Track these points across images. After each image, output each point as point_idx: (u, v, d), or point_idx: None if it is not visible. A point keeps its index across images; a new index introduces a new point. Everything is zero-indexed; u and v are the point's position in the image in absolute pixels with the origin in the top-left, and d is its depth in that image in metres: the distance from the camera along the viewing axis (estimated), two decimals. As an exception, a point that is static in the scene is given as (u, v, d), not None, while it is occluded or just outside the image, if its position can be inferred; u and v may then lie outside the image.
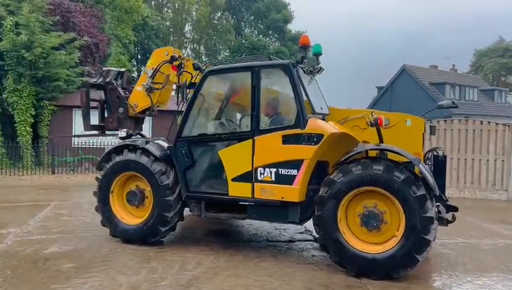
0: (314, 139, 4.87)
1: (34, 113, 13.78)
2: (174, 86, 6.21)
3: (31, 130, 13.87)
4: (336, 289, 4.38)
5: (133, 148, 5.78)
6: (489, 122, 9.94)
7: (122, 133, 6.17)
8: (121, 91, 6.58)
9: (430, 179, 4.59)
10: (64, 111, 14.43)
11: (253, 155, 5.15)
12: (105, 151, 6.04)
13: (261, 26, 44.15)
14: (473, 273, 4.98)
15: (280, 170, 5.03)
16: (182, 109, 5.64)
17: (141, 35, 33.50)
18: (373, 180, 4.62)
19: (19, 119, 13.51)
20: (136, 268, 4.83)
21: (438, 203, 5.40)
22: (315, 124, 4.90)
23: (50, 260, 5.05)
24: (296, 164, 4.96)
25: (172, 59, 6.09)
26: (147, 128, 15.20)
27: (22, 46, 12.69)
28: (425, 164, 5.52)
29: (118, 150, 5.89)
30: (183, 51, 41.06)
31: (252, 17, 44.81)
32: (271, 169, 5.08)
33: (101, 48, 16.44)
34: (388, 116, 5.46)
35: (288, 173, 5.00)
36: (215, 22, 43.50)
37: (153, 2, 39.35)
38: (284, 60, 5.30)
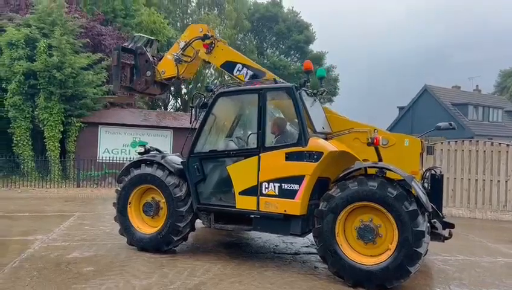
0: (315, 156, 5.25)
1: (62, 129, 14.55)
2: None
3: (59, 145, 14.63)
4: (333, 297, 4.70)
5: (150, 163, 6.26)
6: (500, 143, 10.08)
7: (141, 149, 6.67)
8: (150, 56, 7.20)
9: (422, 195, 4.87)
10: (90, 128, 15.19)
11: (258, 171, 5.54)
12: (125, 166, 6.55)
13: (283, 47, 44.96)
14: (467, 288, 5.19)
15: (283, 184, 5.41)
16: (195, 126, 6.12)
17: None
18: (368, 196, 4.94)
19: (48, 135, 14.30)
20: (148, 273, 5.25)
21: (435, 220, 5.71)
22: (315, 143, 5.28)
23: (72, 264, 5.52)
24: (298, 180, 5.33)
25: (205, 37, 6.65)
26: (167, 144, 15.85)
27: (54, 67, 13.54)
28: (424, 182, 5.84)
29: (136, 164, 6.38)
30: (207, 70, 42.17)
31: (274, 37, 45.67)
32: (275, 184, 5.46)
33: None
34: (388, 137, 5.80)
35: (291, 188, 5.37)
36: (239, 42, 44.43)
37: (178, 24, 40.51)
38: (288, 83, 5.72)
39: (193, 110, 6.07)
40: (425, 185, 5.85)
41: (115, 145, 15.46)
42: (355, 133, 5.97)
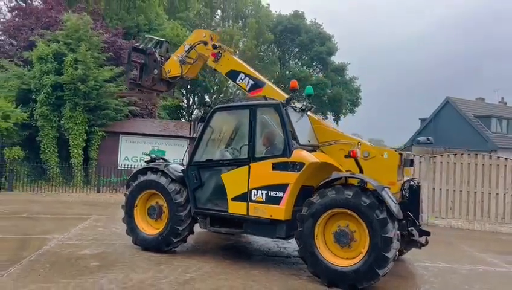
0: (297, 166, 5.78)
1: (85, 137, 15.51)
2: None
3: (83, 152, 15.58)
4: (307, 294, 5.19)
5: (155, 171, 6.91)
6: (498, 157, 10.32)
7: (147, 157, 7.34)
8: (158, 56, 7.98)
9: (393, 205, 5.30)
10: (112, 137, 16.10)
11: (248, 179, 6.11)
12: (133, 172, 7.23)
13: (305, 58, 45.50)
14: (435, 290, 5.61)
15: (270, 192, 5.95)
16: (196, 136, 6.76)
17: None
18: (344, 203, 5.42)
19: (72, 143, 15.27)
20: (146, 269, 5.87)
21: (412, 228, 6.11)
22: (298, 154, 5.82)
23: (80, 259, 6.20)
24: (283, 187, 5.87)
25: (213, 47, 7.38)
26: (183, 153, 16.55)
27: (78, 80, 14.53)
28: (402, 193, 6.26)
29: (142, 171, 7.05)
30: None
31: (297, 49, 46.28)
32: (262, 191, 6.01)
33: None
34: (369, 149, 6.27)
35: (276, 195, 5.91)
36: (262, 53, 45.24)
37: (203, 35, 41.50)
38: (275, 101, 6.28)
39: (191, 123, 6.70)
40: (405, 195, 6.24)
41: (135, 153, 16.29)
42: (340, 145, 6.47)
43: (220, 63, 7.57)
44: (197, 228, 6.96)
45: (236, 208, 6.21)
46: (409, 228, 6.08)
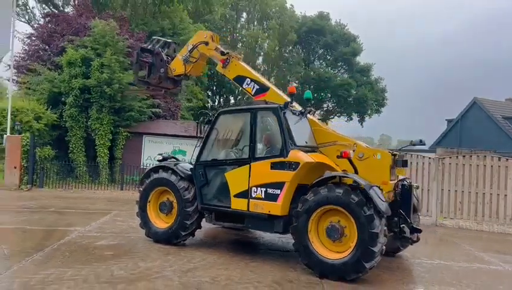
0: (293, 166, 6.21)
1: (111, 138, 16.32)
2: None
3: (108, 152, 16.40)
4: (298, 285, 5.60)
5: (166, 169, 7.47)
6: (507, 159, 10.39)
7: (159, 156, 7.92)
8: (164, 56, 8.64)
9: (379, 202, 5.64)
10: (136, 137, 16.86)
11: (249, 177, 6.59)
12: (146, 171, 7.82)
13: (330, 59, 45.56)
14: (421, 284, 5.91)
15: (268, 189, 6.41)
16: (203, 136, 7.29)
17: (214, 68, 36.05)
18: (335, 200, 5.82)
19: (98, 143, 16.11)
20: (155, 258, 6.42)
21: (403, 225, 6.44)
22: (294, 154, 6.24)
23: (97, 249, 6.82)
24: (280, 185, 6.31)
25: (222, 54, 7.96)
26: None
27: (104, 83, 15.34)
28: (395, 192, 6.58)
29: (155, 169, 7.63)
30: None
31: (322, 50, 46.38)
32: (262, 189, 6.47)
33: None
34: (363, 150, 6.62)
35: (274, 192, 6.35)
36: (286, 54, 45.57)
37: (228, 38, 42.19)
38: (274, 105, 6.71)
39: (198, 125, 7.22)
40: (397, 194, 6.56)
41: (157, 153, 16.94)
42: (338, 146, 6.84)
43: (228, 69, 8.07)
44: (207, 224, 7.47)
45: (238, 204, 6.69)
46: (401, 225, 6.42)
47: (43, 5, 23.49)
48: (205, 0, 27.07)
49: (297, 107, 7.21)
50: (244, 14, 43.08)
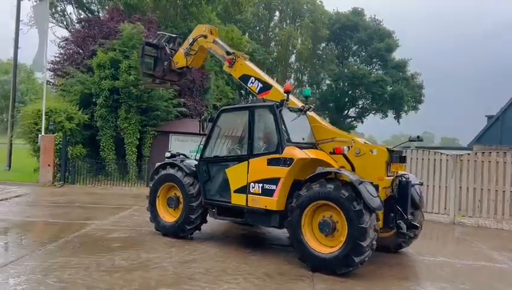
0: (288, 162, 6.37)
1: (139, 137, 16.92)
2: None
3: (136, 150, 17.02)
4: (288, 277, 5.76)
5: (173, 165, 7.80)
6: (528, 155, 10.05)
7: (168, 153, 8.27)
8: (168, 50, 9.27)
9: (368, 197, 5.69)
10: (162, 136, 17.39)
11: (248, 173, 6.80)
12: (155, 167, 8.18)
13: (364, 55, 44.89)
14: (415, 281, 5.92)
15: (265, 185, 6.59)
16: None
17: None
18: (326, 195, 5.93)
19: (127, 142, 16.75)
20: (158, 250, 6.76)
21: (400, 221, 6.44)
22: (289, 151, 6.40)
23: (107, 241, 7.24)
24: (275, 181, 6.48)
25: (227, 54, 8.34)
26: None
27: (131, 84, 15.96)
28: (393, 188, 6.58)
29: (163, 166, 7.98)
30: (287, 80, 43.65)
31: (356, 46, 45.78)
32: (259, 184, 6.66)
33: (197, 82, 19.36)
34: (360, 147, 6.66)
35: (270, 188, 6.53)
36: (320, 52, 45.27)
37: (262, 37, 42.37)
38: (270, 102, 6.88)
39: (201, 123, 7.49)
40: (394, 190, 6.56)
41: (183, 151, 17.14)
42: (336, 142, 6.91)
43: (234, 68, 8.32)
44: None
45: (237, 199, 6.91)
46: (397, 221, 6.43)
47: (80, 11, 24.58)
48: (235, 1, 27.38)
49: (298, 104, 7.33)
50: (277, 13, 43.16)
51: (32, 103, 20.64)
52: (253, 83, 8.02)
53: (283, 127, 6.56)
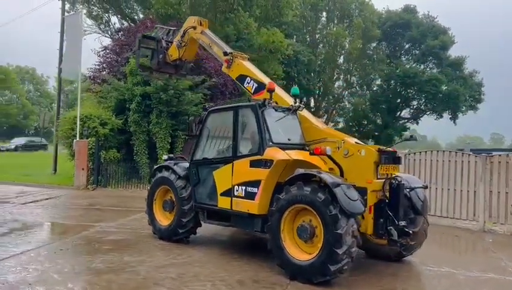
0: (268, 164, 6.08)
1: (170, 141, 17.21)
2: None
3: (168, 154, 17.31)
4: (261, 285, 5.46)
5: (167, 168, 7.74)
6: None
7: (165, 156, 8.22)
8: (164, 43, 9.50)
9: (345, 201, 5.26)
10: (193, 140, 17.57)
11: (232, 175, 6.57)
12: (153, 170, 8.17)
13: (417, 53, 42.95)
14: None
15: (247, 188, 6.34)
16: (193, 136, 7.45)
17: (293, 70, 36.06)
18: (303, 199, 5.57)
19: (159, 146, 17.07)
20: (145, 253, 6.69)
21: (390, 227, 5.92)
22: (269, 152, 6.10)
23: (100, 243, 7.30)
24: (257, 183, 6.20)
25: (225, 54, 8.33)
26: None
27: (160, 89, 16.26)
28: (384, 191, 6.06)
29: (159, 169, 7.95)
30: (336, 82, 42.76)
31: (408, 44, 43.96)
32: (242, 187, 6.41)
33: (229, 86, 19.38)
34: (348, 147, 6.21)
35: (252, 191, 6.27)
36: (370, 52, 43.90)
37: (308, 39, 41.85)
38: (252, 102, 6.61)
39: (189, 124, 7.36)
40: (385, 193, 6.03)
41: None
42: (326, 143, 6.50)
43: (232, 69, 8.15)
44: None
45: (223, 203, 6.70)
46: (388, 228, 5.91)
47: (123, 21, 25.55)
48: (275, 4, 27.20)
49: (289, 103, 7.00)
50: (324, 14, 42.42)
51: (71, 109, 21.68)
52: (249, 83, 7.81)
53: (265, 127, 6.27)
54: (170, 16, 22.49)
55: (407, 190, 6.38)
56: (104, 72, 19.78)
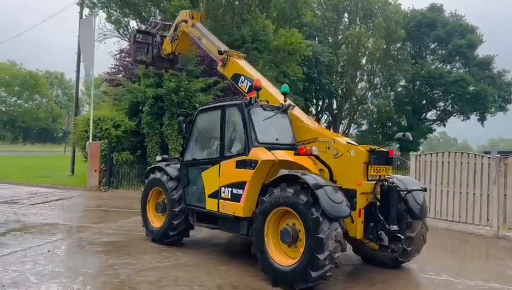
0: (252, 164, 5.85)
1: (182, 142, 17.17)
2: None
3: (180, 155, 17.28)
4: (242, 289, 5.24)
5: (160, 169, 7.61)
6: None
7: (159, 157, 8.10)
8: (159, 37, 9.68)
9: (327, 204, 4.97)
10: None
11: (219, 177, 6.37)
12: (146, 171, 8.05)
13: (444, 52, 41.74)
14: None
15: (233, 189, 6.13)
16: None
17: (314, 71, 35.65)
18: (286, 201, 5.32)
19: (171, 147, 17.05)
20: (132, 255, 6.56)
21: (381, 232, 5.58)
22: (254, 152, 5.87)
23: (91, 245, 7.23)
24: (242, 185, 5.99)
25: (219, 53, 8.23)
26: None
27: (172, 91, 16.25)
28: (375, 194, 5.73)
29: (152, 170, 7.83)
30: (359, 84, 42.01)
31: (433, 44, 42.81)
32: (228, 189, 6.21)
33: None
34: (338, 147, 5.92)
35: (237, 193, 6.05)
36: (394, 52, 42.96)
37: (330, 40, 41.31)
38: (238, 101, 6.38)
39: (179, 124, 7.21)
40: (376, 196, 5.70)
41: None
42: (318, 143, 6.22)
43: (227, 68, 7.99)
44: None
45: (211, 205, 6.52)
46: (379, 232, 5.57)
47: (142, 25, 25.77)
48: (293, 5, 26.92)
49: (279, 101, 6.75)
50: (346, 15, 41.79)
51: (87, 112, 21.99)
52: (243, 83, 7.62)
53: (251, 126, 6.04)
54: (186, 18, 22.58)
55: (404, 192, 6.04)
56: (120, 75, 19.98)
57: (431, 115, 44.75)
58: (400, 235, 5.61)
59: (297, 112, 6.83)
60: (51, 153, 42.39)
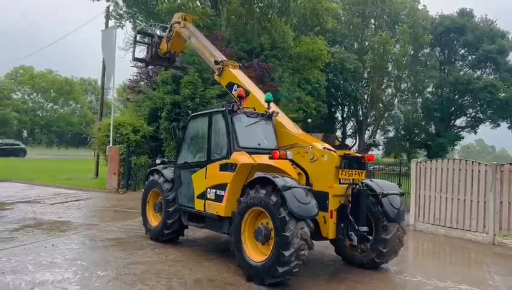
0: (233, 167, 6.27)
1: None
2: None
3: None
4: (215, 284, 5.63)
5: (157, 172, 8.13)
6: None
7: (158, 160, 8.63)
8: (157, 38, 10.81)
9: (294, 204, 5.31)
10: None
11: (206, 179, 6.82)
12: (147, 173, 8.60)
13: (472, 58, 40.89)
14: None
15: (217, 191, 6.56)
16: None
17: (339, 78, 35.61)
18: (259, 202, 5.70)
19: (187, 152, 17.73)
20: (127, 251, 7.10)
21: (351, 233, 5.87)
22: (234, 156, 6.29)
23: (93, 240, 7.82)
24: (224, 186, 6.41)
25: (216, 63, 8.87)
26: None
27: (188, 98, 16.89)
28: (347, 197, 6.02)
29: (151, 172, 8.36)
30: (386, 90, 41.69)
31: (463, 50, 42.00)
32: (213, 190, 6.65)
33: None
34: (314, 152, 6.25)
35: (220, 194, 6.49)
36: (422, 58, 42.45)
37: (355, 46, 41.21)
38: (222, 108, 6.82)
39: (172, 130, 7.71)
40: (347, 198, 5.99)
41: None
42: (297, 148, 6.58)
43: (222, 77, 8.46)
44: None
45: (199, 205, 6.97)
46: (348, 233, 5.86)
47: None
48: (313, 12, 27.21)
49: (269, 108, 7.13)
50: (372, 21, 41.62)
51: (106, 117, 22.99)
52: (235, 90, 8.04)
53: (233, 132, 6.47)
54: (207, 26, 23.24)
55: (380, 196, 6.30)
56: (142, 83, 20.83)
57: (461, 122, 43.82)
58: (368, 236, 5.88)
59: (281, 118, 7.20)
60: (82, 156, 44.02)
